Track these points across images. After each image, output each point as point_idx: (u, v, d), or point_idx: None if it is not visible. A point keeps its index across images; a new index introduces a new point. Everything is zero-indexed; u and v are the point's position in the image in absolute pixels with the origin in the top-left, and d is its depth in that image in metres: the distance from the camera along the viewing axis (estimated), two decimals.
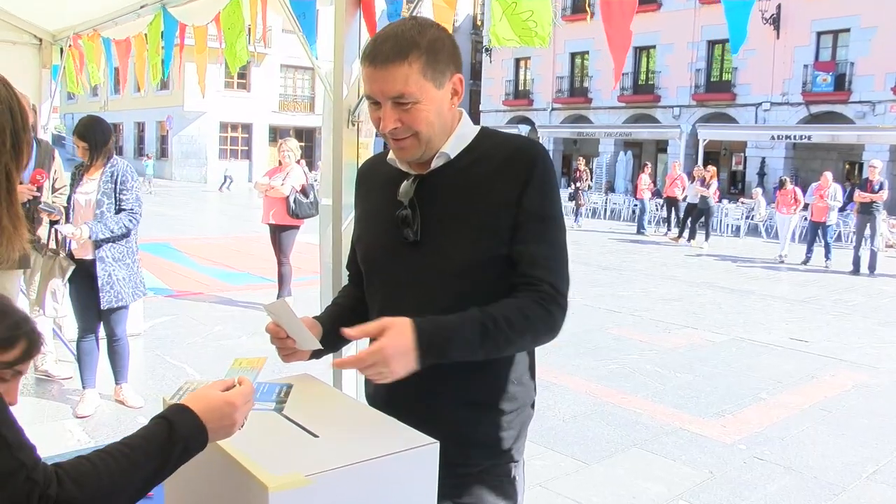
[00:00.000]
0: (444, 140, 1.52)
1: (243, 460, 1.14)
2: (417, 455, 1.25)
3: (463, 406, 1.55)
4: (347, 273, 1.85)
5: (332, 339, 1.61)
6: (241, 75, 33.63)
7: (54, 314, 4.31)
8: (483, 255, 1.49)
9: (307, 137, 35.44)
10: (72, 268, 4.26)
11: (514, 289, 1.48)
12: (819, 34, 24.58)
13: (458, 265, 1.50)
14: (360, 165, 1.82)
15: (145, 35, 4.42)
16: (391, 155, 1.58)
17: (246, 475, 1.13)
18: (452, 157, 1.53)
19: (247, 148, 36.07)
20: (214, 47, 3.95)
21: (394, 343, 1.33)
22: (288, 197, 7.38)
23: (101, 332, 4.53)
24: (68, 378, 5.15)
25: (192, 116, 33.65)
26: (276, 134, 36.23)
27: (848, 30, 23.81)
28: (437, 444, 1.27)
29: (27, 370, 1.52)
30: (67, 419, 4.47)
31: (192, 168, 34.62)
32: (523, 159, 1.51)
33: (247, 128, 35.79)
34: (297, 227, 7.57)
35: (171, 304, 7.81)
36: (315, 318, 1.64)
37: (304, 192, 7.42)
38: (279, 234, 7.57)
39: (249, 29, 3.17)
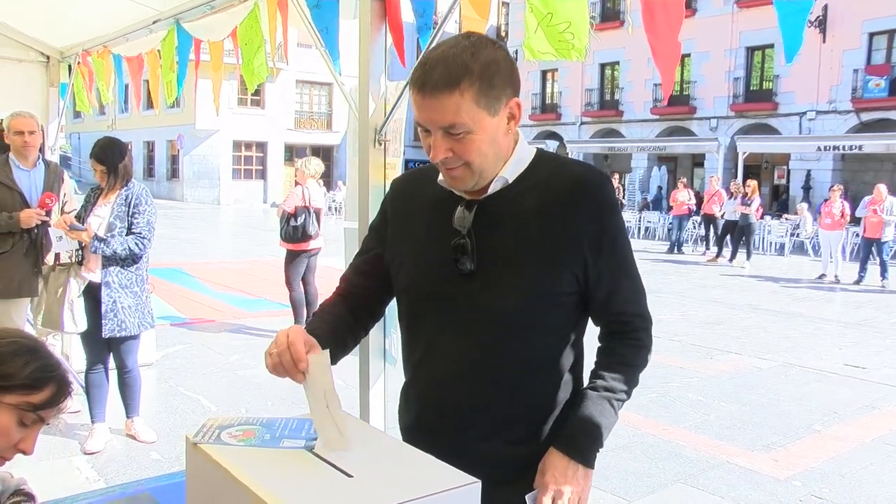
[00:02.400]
0: (499, 166, 1.50)
1: (272, 500, 1.13)
2: (459, 495, 1.23)
3: (505, 444, 1.54)
4: (347, 283, 1.74)
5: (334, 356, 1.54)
6: (256, 92, 34.05)
7: (75, 330, 4.27)
8: (543, 288, 1.49)
9: (325, 156, 35.73)
10: (86, 282, 4.29)
11: (608, 327, 1.62)
12: (871, 35, 24.31)
13: (515, 298, 1.49)
14: (395, 177, 1.79)
15: (158, 51, 4.49)
16: (441, 177, 1.55)
17: None
18: (510, 181, 1.52)
19: (261, 168, 36.43)
20: (229, 63, 4.01)
21: (558, 480, 1.50)
22: (281, 220, 7.50)
23: (111, 362, 4.56)
24: (76, 412, 5.18)
25: (204, 135, 34.10)
26: (293, 153, 36.61)
27: None
28: (479, 484, 1.26)
29: (50, 419, 1.52)
30: (75, 456, 4.48)
31: (205, 189, 35.02)
32: (591, 190, 1.51)
33: (261, 146, 36.18)
34: (305, 252, 7.59)
35: (185, 332, 7.87)
36: (309, 330, 1.51)
37: (295, 214, 7.44)
38: (288, 259, 7.67)
39: (269, 44, 3.21)
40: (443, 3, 2.48)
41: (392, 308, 2.74)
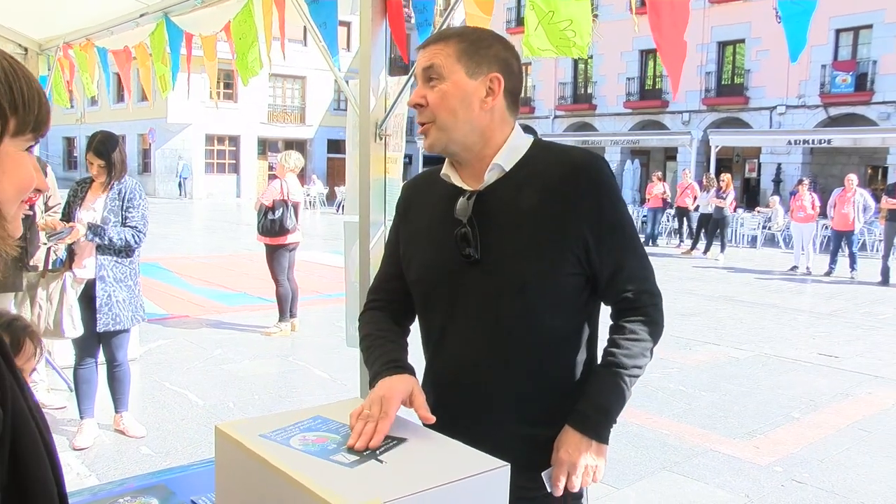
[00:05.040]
0: (471, 138, 1.58)
1: (318, 489, 1.17)
2: (491, 478, 1.28)
3: (520, 424, 1.61)
4: (372, 298, 1.82)
5: None
6: (228, 85, 33.75)
7: (74, 334, 4.24)
8: (547, 271, 1.54)
9: (298, 149, 35.51)
10: (82, 285, 4.26)
11: (617, 305, 1.66)
12: (838, 32, 24.76)
13: (520, 282, 1.54)
14: (408, 179, 1.85)
15: (146, 45, 4.45)
16: (444, 170, 1.63)
17: None
18: (507, 169, 1.58)
19: (234, 161, 36.16)
20: (200, 56, 3.98)
21: (572, 456, 1.57)
22: (258, 213, 7.49)
23: (100, 357, 4.54)
24: (62, 408, 5.16)
25: (176, 129, 33.74)
26: (266, 146, 36.35)
27: (870, 26, 23.98)
28: (508, 467, 1.31)
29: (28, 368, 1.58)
30: (64, 452, 4.42)
31: (177, 183, 34.67)
32: (587, 172, 1.56)
33: (234, 140, 35.90)
34: (284, 246, 7.58)
35: (166, 327, 7.82)
36: (401, 369, 1.58)
37: (273, 208, 7.45)
38: (268, 254, 7.64)
39: (264, 39, 3.22)
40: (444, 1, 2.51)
41: None
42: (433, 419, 1.46)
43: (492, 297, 1.57)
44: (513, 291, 1.55)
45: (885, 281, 12.80)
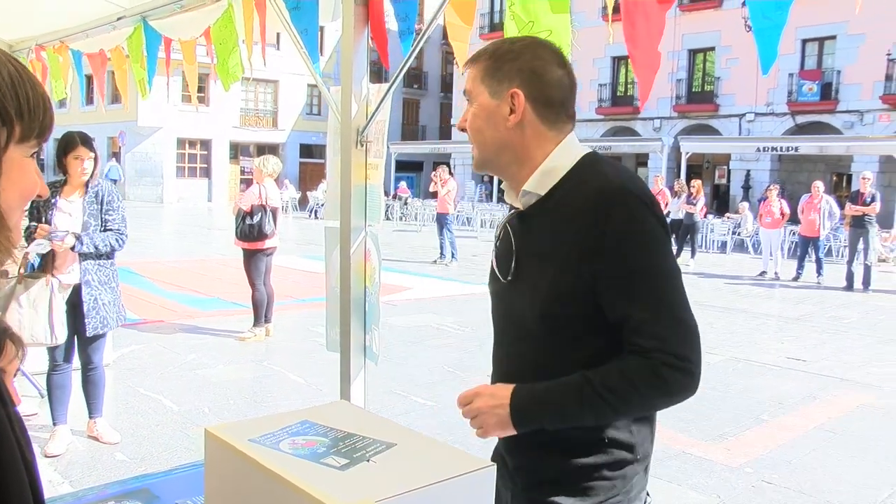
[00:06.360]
0: (503, 157, 1.57)
1: (312, 491, 1.19)
2: (478, 477, 1.31)
3: (527, 447, 1.59)
4: None
5: None
6: (200, 88, 33.47)
7: (62, 340, 4.17)
8: (557, 300, 1.48)
9: (270, 154, 35.32)
10: (68, 291, 4.21)
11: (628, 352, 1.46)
12: (804, 42, 25.26)
13: (532, 307, 1.52)
14: None
15: (123, 48, 4.42)
16: (503, 185, 1.68)
17: None
18: (542, 194, 1.54)
19: (206, 165, 35.86)
20: (176, 59, 3.97)
21: (487, 400, 1.52)
22: (237, 218, 7.46)
23: (76, 362, 4.50)
24: (33, 415, 5.10)
25: (147, 132, 33.41)
26: (238, 150, 36.10)
27: (834, 37, 24.53)
28: (494, 466, 1.34)
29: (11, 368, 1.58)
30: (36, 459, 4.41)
31: (148, 187, 34.29)
32: (600, 206, 1.43)
33: (206, 144, 35.61)
34: (261, 251, 7.56)
35: (139, 332, 7.75)
36: None
37: (251, 213, 7.43)
38: (246, 259, 7.61)
39: (245, 44, 3.23)
40: (427, 9, 2.55)
41: (373, 306, 2.80)
42: None
43: (520, 321, 1.58)
44: (527, 316, 1.54)
45: (849, 286, 13.07)
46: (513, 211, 1.63)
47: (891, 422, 5.76)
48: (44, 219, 4.23)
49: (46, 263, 4.20)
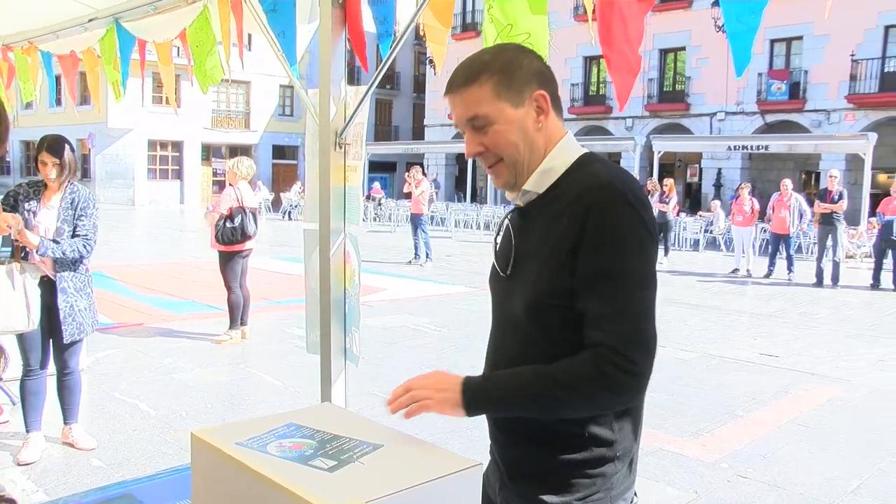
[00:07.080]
0: (537, 162, 1.55)
1: (302, 493, 1.20)
2: (465, 476, 1.33)
3: (518, 440, 1.61)
4: None
5: None
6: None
7: (33, 326, 4.04)
8: (543, 295, 1.50)
9: (243, 155, 35.10)
10: (39, 273, 4.10)
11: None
12: (773, 42, 25.61)
13: (522, 302, 1.54)
14: None
15: (95, 49, 4.38)
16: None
17: None
18: (541, 192, 1.56)
19: (178, 167, 35.50)
20: (150, 61, 3.93)
21: (422, 381, 1.56)
22: (217, 221, 7.40)
23: (50, 368, 4.44)
24: (5, 422, 5.02)
25: (118, 134, 33.01)
26: (210, 152, 35.80)
27: (801, 37, 24.88)
28: (481, 465, 1.36)
29: None
30: (8, 468, 4.31)
31: (118, 189, 33.88)
32: (582, 205, 1.45)
33: (177, 146, 35.26)
34: (239, 253, 7.52)
35: (113, 336, 7.66)
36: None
37: (231, 216, 7.39)
38: (222, 261, 7.56)
39: (223, 47, 3.21)
40: (403, 11, 2.56)
41: (352, 308, 2.81)
42: None
43: (508, 313, 1.61)
44: (517, 310, 1.56)
45: (819, 282, 13.28)
46: (513, 208, 1.66)
47: (858, 415, 5.87)
48: (29, 221, 4.15)
49: (16, 249, 4.11)
